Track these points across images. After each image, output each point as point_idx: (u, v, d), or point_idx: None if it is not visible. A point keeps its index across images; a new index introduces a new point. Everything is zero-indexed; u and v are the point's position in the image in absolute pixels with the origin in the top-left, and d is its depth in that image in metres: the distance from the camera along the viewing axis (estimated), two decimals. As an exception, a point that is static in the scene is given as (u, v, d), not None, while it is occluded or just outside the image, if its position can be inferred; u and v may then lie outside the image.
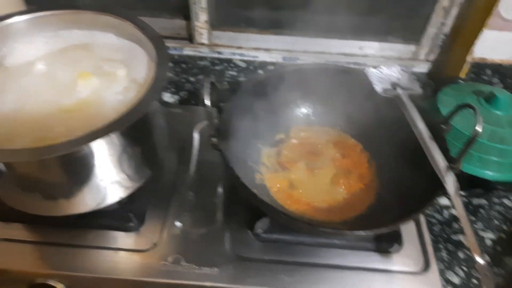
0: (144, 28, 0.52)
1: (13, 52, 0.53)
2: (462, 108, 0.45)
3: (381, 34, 0.84)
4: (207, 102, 0.45)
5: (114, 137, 0.44)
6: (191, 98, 0.82)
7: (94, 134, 0.40)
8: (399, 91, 0.52)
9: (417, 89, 0.52)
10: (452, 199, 0.41)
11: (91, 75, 0.50)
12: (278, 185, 0.54)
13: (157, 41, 0.50)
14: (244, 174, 0.49)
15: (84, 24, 0.55)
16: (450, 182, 0.42)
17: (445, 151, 0.45)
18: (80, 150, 0.41)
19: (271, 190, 0.54)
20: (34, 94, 0.48)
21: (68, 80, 0.50)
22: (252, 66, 0.88)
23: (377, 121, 0.56)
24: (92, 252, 0.52)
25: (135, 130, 0.46)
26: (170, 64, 0.46)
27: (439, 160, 0.44)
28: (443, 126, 0.47)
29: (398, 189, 0.51)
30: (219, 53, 0.89)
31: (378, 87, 0.53)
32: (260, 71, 0.87)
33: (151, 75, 0.51)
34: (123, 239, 0.53)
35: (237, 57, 0.89)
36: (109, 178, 0.48)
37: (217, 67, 0.88)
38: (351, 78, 0.57)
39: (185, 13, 0.87)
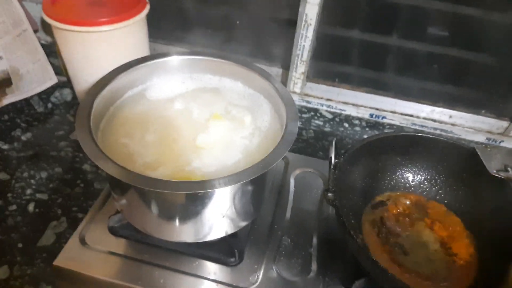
0: (271, 81, 0.57)
1: (154, 87, 0.60)
2: None
3: (474, 105, 0.86)
4: (333, 159, 0.49)
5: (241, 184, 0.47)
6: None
7: (236, 177, 0.44)
8: (512, 172, 0.53)
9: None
10: None
11: (222, 117, 0.55)
12: (378, 247, 0.55)
13: (286, 95, 0.55)
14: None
15: (215, 70, 0.62)
16: None
17: None
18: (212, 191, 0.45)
19: (371, 251, 0.55)
20: (173, 128, 0.54)
21: (202, 119, 0.56)
22: (338, 118, 0.92)
23: (483, 200, 0.57)
24: (192, 280, 0.55)
25: (257, 178, 0.50)
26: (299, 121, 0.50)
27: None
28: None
29: (503, 272, 0.50)
30: (308, 102, 0.94)
31: (490, 166, 0.54)
32: (346, 124, 0.90)
33: (274, 125, 0.56)
34: (222, 273, 0.56)
35: (325, 108, 0.93)
36: (221, 216, 0.51)
37: (304, 115, 0.92)
38: (459, 152, 0.58)
39: (283, 62, 0.94)
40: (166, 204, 0.49)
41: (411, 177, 0.62)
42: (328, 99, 0.92)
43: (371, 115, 0.91)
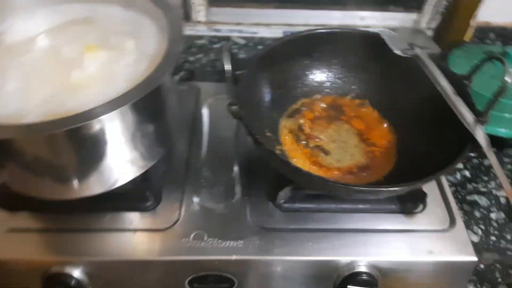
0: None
1: (11, 29, 0.50)
2: (487, 61, 0.44)
3: (382, 3, 0.84)
4: (227, 67, 0.44)
5: (128, 111, 0.42)
6: (192, 78, 0.80)
7: (109, 104, 0.38)
8: (418, 50, 0.51)
9: (435, 48, 0.52)
10: (485, 151, 0.41)
11: (98, 48, 0.48)
12: (299, 154, 0.53)
13: (169, 11, 0.48)
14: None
15: (84, -3, 0.53)
16: (480, 135, 0.42)
17: (471, 105, 0.45)
18: (93, 123, 0.39)
19: (292, 159, 0.53)
20: (39, 71, 0.46)
21: (74, 55, 0.47)
22: (251, 43, 0.86)
23: (393, 84, 0.56)
24: (109, 235, 0.50)
25: (148, 104, 0.44)
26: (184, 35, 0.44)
27: (467, 115, 0.43)
28: (466, 82, 0.47)
29: (422, 149, 0.51)
30: (217, 30, 0.86)
31: (396, 48, 0.52)
32: (260, 47, 0.85)
33: (163, 46, 0.49)
34: (140, 219, 0.51)
35: (236, 34, 0.87)
36: (122, 157, 0.46)
37: (215, 46, 0.85)
38: (365, 42, 0.56)
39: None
40: (44, 155, 0.42)
41: (321, 77, 0.60)
42: (238, 23, 0.85)
43: (285, 33, 0.86)
